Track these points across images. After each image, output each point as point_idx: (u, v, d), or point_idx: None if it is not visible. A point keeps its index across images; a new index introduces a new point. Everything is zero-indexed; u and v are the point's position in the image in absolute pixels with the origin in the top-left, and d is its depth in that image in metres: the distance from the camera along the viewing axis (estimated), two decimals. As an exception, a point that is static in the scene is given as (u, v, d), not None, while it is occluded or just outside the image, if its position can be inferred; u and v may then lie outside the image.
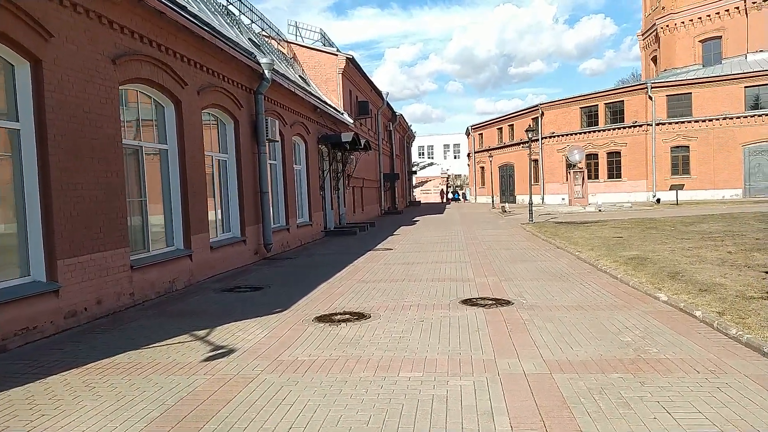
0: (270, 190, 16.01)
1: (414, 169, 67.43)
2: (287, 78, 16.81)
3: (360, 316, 7.12)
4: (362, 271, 11.42)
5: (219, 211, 12.86)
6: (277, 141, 15.34)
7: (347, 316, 7.13)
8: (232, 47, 12.00)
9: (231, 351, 5.77)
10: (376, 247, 15.99)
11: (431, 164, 79.70)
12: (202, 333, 6.62)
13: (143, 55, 9.20)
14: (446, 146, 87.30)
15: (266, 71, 13.77)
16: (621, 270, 9.75)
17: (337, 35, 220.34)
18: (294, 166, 18.06)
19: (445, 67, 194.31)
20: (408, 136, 55.41)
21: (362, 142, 22.94)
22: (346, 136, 20.78)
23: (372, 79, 32.32)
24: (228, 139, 13.15)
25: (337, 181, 23.57)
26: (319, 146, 20.89)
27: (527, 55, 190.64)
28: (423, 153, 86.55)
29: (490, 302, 7.74)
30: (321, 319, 7.04)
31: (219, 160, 12.88)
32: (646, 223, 20.19)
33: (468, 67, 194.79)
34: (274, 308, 7.89)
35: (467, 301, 7.84)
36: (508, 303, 7.67)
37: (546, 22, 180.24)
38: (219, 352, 5.77)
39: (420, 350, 5.53)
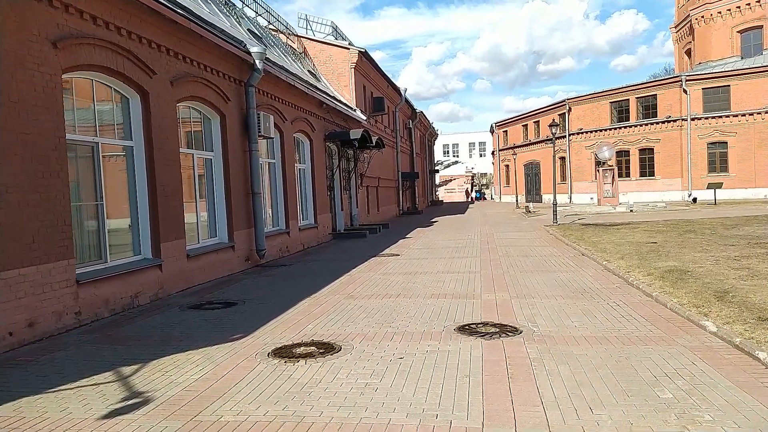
0: (268, 191, 14.85)
1: (437, 168, 65.84)
2: (285, 69, 15.56)
3: (328, 348, 5.76)
4: (356, 282, 10.07)
5: (204, 214, 11.67)
6: (272, 137, 14.08)
7: (312, 348, 5.78)
8: (212, 33, 10.76)
9: (145, 402, 4.48)
10: (382, 253, 14.62)
11: (455, 163, 77.95)
12: (128, 370, 5.35)
13: (96, 39, 8.00)
14: (471, 144, 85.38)
15: (257, 61, 12.51)
16: (656, 286, 8.19)
17: (364, 35, 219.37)
18: (296, 165, 16.80)
19: (472, 65, 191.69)
20: (430, 133, 53.85)
21: (374, 139, 21.59)
22: (355, 133, 19.46)
23: (399, 78, 31.37)
24: (214, 135, 11.94)
25: (348, 181, 22.26)
26: (327, 144, 19.62)
27: (557, 52, 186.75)
28: (448, 151, 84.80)
29: (493, 330, 6.30)
30: (279, 352, 5.71)
31: (203, 158, 11.68)
32: (683, 225, 18.37)
33: (496, 65, 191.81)
34: (234, 333, 6.60)
35: (465, 328, 6.41)
36: (514, 331, 6.22)
37: (576, 18, 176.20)
38: (130, 402, 4.48)
39: (386, 408, 4.15)
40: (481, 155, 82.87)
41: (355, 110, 23.93)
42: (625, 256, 11.46)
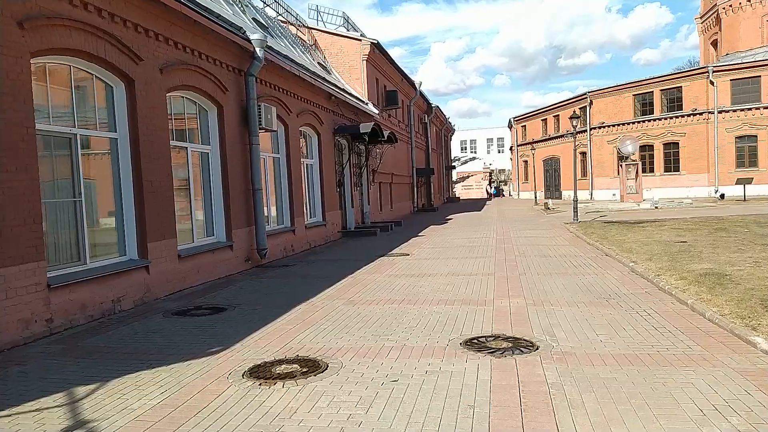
0: (271, 187, 14.16)
1: (454, 164, 64.80)
2: (290, 59, 14.82)
3: (313, 366, 5.00)
4: (359, 285, 9.31)
5: (199, 212, 10.99)
6: (275, 130, 13.36)
7: (295, 366, 5.02)
8: (206, 17, 10.05)
9: (85, 436, 3.77)
10: (392, 252, 13.84)
11: (473, 159, 76.69)
12: (83, 391, 4.65)
13: (72, 20, 7.32)
14: (489, 140, 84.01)
15: (257, 49, 11.79)
16: (692, 292, 7.29)
17: (382, 31, 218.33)
18: (303, 160, 16.10)
19: (491, 60, 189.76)
20: (446, 129, 52.86)
21: (386, 133, 20.78)
22: (365, 127, 18.66)
23: (417, 74, 30.28)
24: (210, 127, 11.25)
25: (359, 177, 21.50)
26: (337, 138, 18.87)
27: (578, 47, 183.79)
28: (465, 147, 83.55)
29: (505, 345, 5.48)
30: (256, 371, 4.96)
31: (199, 152, 11.01)
32: (712, 223, 17.28)
33: (516, 60, 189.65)
34: (212, 346, 5.88)
35: (473, 343, 5.60)
36: (530, 346, 5.40)
37: (598, 12, 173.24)
38: (67, 437, 3.77)
39: (368, 451, 3.37)
40: (499, 151, 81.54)
41: (366, 103, 23.15)
42: (654, 256, 10.52)
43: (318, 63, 21.26)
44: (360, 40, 24.07)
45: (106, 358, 5.69)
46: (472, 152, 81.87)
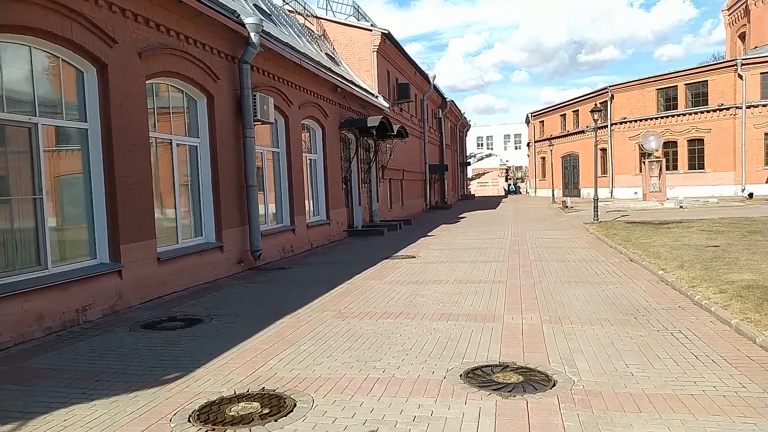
0: (270, 184, 13.32)
1: (469, 160, 63.59)
2: (291, 47, 13.92)
3: (277, 406, 4.09)
4: (354, 293, 8.41)
5: (185, 210, 10.16)
6: (272, 122, 12.48)
7: (255, 405, 4.12)
8: (192, -3, 9.17)
9: None
10: (397, 254, 12.92)
11: (489, 155, 75.36)
12: (-7, 435, 3.81)
13: (28, -5, 6.49)
14: (506, 136, 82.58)
15: (252, 34, 10.91)
16: (735, 309, 6.25)
17: (400, 26, 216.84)
18: (305, 154, 15.21)
19: (510, 56, 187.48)
20: (461, 124, 51.65)
21: (396, 127, 19.82)
22: (373, 121, 17.71)
23: (435, 70, 29.13)
24: (200, 119, 10.40)
25: (368, 173, 20.58)
26: (343, 132, 17.96)
27: (599, 42, 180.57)
28: (482, 143, 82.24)
29: (515, 379, 4.51)
30: (208, 411, 4.06)
31: (186, 145, 10.17)
32: (744, 224, 16.08)
33: (535, 56, 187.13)
34: (170, 372, 5.00)
35: (476, 374, 4.65)
36: (545, 382, 4.43)
37: (620, 7, 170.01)
38: None
39: None
40: (516, 147, 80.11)
41: (377, 96, 22.19)
42: (685, 263, 9.46)
43: (326, 54, 20.37)
44: (370, 30, 23.11)
45: (46, 384, 4.84)
46: (488, 148, 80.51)
